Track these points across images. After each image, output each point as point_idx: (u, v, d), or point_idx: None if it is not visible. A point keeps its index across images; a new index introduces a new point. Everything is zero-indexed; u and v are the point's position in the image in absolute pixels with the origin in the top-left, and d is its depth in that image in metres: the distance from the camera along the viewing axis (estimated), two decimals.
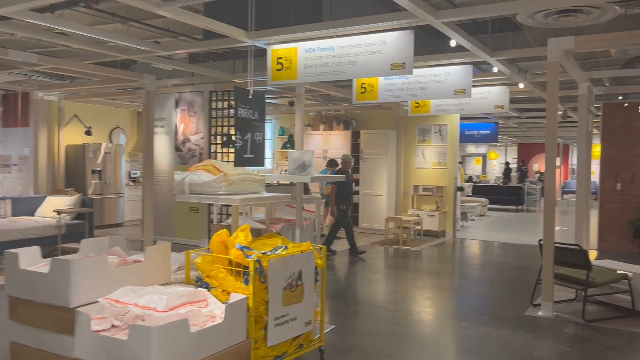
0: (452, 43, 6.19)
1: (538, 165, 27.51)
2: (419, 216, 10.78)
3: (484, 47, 6.35)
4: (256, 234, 4.54)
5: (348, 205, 8.82)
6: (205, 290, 3.46)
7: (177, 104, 9.54)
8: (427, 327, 5.24)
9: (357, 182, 11.59)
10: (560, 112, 12.98)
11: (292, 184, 6.84)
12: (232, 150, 12.59)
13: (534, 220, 15.42)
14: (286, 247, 3.71)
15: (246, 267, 3.50)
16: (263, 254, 3.54)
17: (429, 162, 11.32)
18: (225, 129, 9.00)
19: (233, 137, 4.18)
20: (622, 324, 5.24)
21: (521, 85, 9.10)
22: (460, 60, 6.84)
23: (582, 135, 7.79)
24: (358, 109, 12.00)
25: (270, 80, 5.92)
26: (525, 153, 28.00)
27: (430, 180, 11.30)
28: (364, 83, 7.47)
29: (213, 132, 9.16)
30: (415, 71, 7.17)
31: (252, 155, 4.46)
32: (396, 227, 10.22)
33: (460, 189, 11.74)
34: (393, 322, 5.29)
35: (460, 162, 12.19)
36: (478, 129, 16.78)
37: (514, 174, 24.21)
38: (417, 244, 10.04)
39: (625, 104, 9.41)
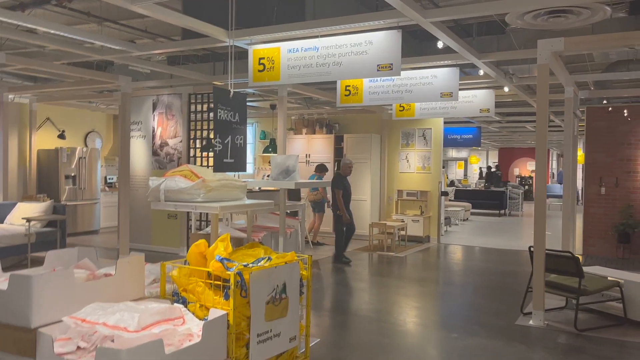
0: (439, 44, 6.03)
1: (519, 169, 27.69)
2: (403, 221, 10.61)
3: (471, 48, 6.21)
4: (237, 243, 4.30)
5: (349, 211, 8.61)
6: (182, 306, 3.19)
7: (154, 107, 9.23)
8: (417, 338, 5.04)
9: None
10: None
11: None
12: (212, 154, 12.27)
13: (517, 225, 15.40)
14: (269, 258, 3.46)
15: (226, 281, 3.25)
16: (244, 266, 3.29)
17: (413, 166, 11.17)
18: (205, 133, 8.72)
19: (213, 141, 3.94)
20: (614, 333, 5.11)
21: (506, 89, 9.01)
22: (446, 62, 6.68)
23: (568, 140, 7.71)
24: (341, 113, 11.81)
25: (251, 82, 5.67)
26: (506, 157, 28.16)
27: (414, 184, 11.15)
28: (349, 85, 7.26)
29: (192, 136, 8.87)
30: (401, 73, 6.99)
31: (232, 160, 4.22)
32: (380, 233, 10.03)
33: (445, 193, 11.63)
34: (381, 333, 5.08)
35: (443, 167, 12.07)
36: (461, 133, 16.76)
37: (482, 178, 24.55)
38: (401, 250, 9.87)
39: (610, 108, 9.38)
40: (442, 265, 8.93)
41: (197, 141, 8.82)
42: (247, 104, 11.54)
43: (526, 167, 27.46)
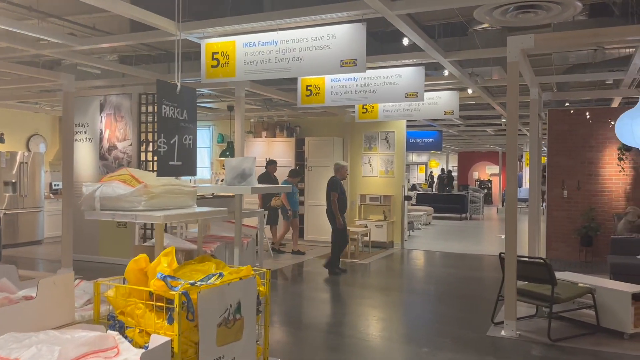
0: (405, 41, 5.74)
1: (478, 173, 27.98)
2: (367, 227, 10.31)
3: (437, 46, 5.94)
4: (187, 256, 3.84)
5: (342, 217, 8.18)
6: (116, 334, 2.72)
7: (102, 108, 8.61)
8: (385, 355, 4.68)
9: (302, 192, 11.00)
10: (504, 120, 12.98)
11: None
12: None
13: (479, 228, 15.38)
14: (221, 275, 3.03)
15: (170, 302, 2.81)
16: (191, 284, 2.86)
17: (375, 170, 10.90)
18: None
19: (157, 141, 3.48)
20: (588, 342, 4.90)
21: (470, 91, 8.85)
22: (411, 61, 6.40)
23: (534, 142, 7.57)
24: (302, 115, 11.44)
25: (204, 78, 5.22)
26: (466, 161, 28.43)
27: (377, 189, 10.88)
28: (310, 85, 6.90)
29: (143, 139, 8.31)
30: (365, 73, 6.68)
31: (179, 163, 3.77)
32: None
33: (408, 198, 11.40)
34: (347, 350, 4.70)
35: (406, 171, 11.87)
36: (422, 137, 16.67)
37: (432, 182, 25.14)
38: (365, 257, 9.55)
39: (572, 111, 9.35)
40: (407, 272, 8.64)
41: (150, 144, 8.26)
42: (203, 105, 11.03)
43: (485, 171, 27.77)
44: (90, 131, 8.70)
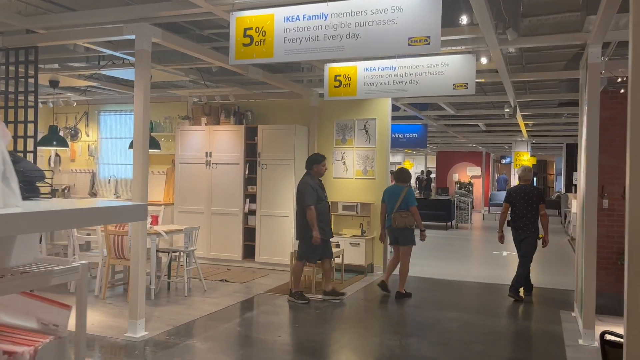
0: None
1: (458, 175, 25.71)
2: (339, 246, 7.67)
3: None
4: None
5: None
6: None
7: None
8: None
9: (252, 198, 8.30)
10: (507, 110, 10.53)
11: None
12: (63, 150, 8.73)
13: (470, 241, 12.94)
14: None
15: None
16: None
17: (351, 170, 8.26)
18: (21, 116, 5.37)
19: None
20: None
21: (484, 60, 6.33)
22: None
23: (593, 128, 5.07)
24: (257, 96, 8.73)
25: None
26: (445, 162, 26.09)
27: (353, 195, 8.24)
28: (250, 28, 4.19)
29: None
30: (344, 5, 4.01)
31: None
32: (307, 265, 7.02)
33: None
34: None
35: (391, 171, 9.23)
36: (404, 132, 14.16)
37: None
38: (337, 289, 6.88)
39: (622, 90, 6.90)
40: (397, 320, 6.00)
41: (10, 126, 5.44)
42: (123, 77, 8.09)
43: (466, 173, 25.51)
44: None
